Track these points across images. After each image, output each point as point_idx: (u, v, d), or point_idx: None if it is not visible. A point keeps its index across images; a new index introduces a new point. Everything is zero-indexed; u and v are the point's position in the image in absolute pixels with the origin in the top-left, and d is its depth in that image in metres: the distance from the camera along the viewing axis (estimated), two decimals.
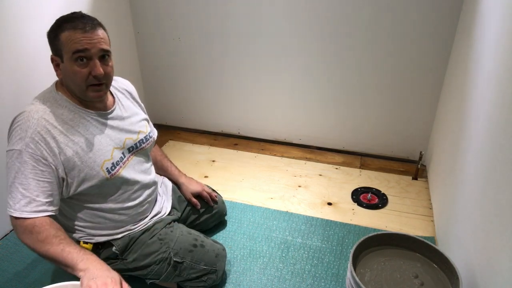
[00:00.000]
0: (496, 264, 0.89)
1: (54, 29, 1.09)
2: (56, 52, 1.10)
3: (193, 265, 1.28)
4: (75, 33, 1.07)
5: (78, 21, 1.10)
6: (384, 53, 1.91)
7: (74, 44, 1.06)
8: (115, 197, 1.23)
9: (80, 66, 1.08)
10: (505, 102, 0.97)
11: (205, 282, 1.31)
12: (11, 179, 1.06)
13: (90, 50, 1.08)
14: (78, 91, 1.12)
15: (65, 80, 1.12)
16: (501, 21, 1.10)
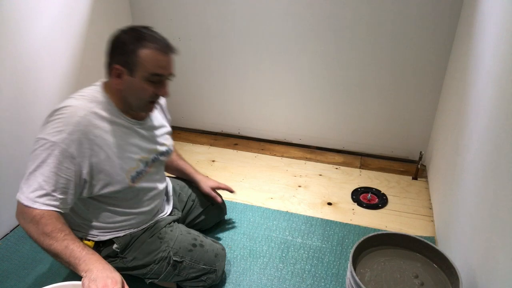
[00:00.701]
0: (496, 264, 0.89)
1: (132, 42, 1.08)
2: (125, 64, 1.09)
3: (193, 265, 1.28)
4: (158, 55, 1.09)
5: (160, 42, 1.10)
6: (384, 53, 1.91)
7: (155, 67, 1.09)
8: (130, 203, 1.24)
9: (150, 85, 1.11)
10: (505, 102, 0.97)
11: (204, 282, 1.31)
12: (33, 166, 1.04)
13: (165, 74, 1.12)
14: (137, 104, 1.15)
15: (125, 91, 1.12)
16: (501, 21, 1.10)
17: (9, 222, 1.65)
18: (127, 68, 1.09)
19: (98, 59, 2.01)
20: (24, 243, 1.58)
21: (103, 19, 2.00)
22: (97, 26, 1.96)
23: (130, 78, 1.10)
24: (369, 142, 2.19)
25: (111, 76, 1.13)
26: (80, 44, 1.88)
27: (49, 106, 1.74)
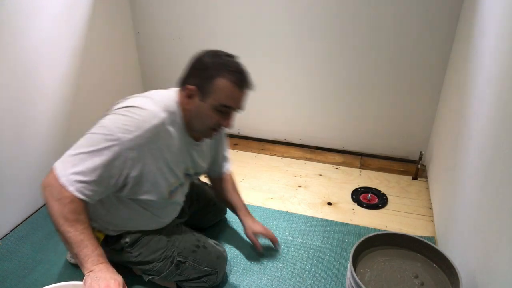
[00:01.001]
0: (495, 264, 0.89)
1: (213, 68, 1.08)
2: (199, 87, 1.09)
3: (195, 266, 1.28)
4: (233, 87, 1.09)
5: (239, 75, 1.10)
6: (384, 53, 1.91)
7: (228, 99, 1.09)
8: (158, 211, 1.25)
9: (217, 114, 1.11)
10: (505, 102, 0.97)
11: (205, 283, 1.31)
12: (87, 150, 1.02)
13: (234, 107, 1.13)
14: (199, 128, 1.16)
15: (192, 113, 1.13)
16: (501, 20, 1.10)
17: (9, 222, 1.65)
18: (200, 91, 1.09)
19: (98, 59, 2.02)
20: (24, 243, 1.58)
21: (103, 19, 2.00)
22: (97, 26, 1.96)
23: (200, 102, 1.10)
24: (369, 142, 2.19)
25: (182, 94, 1.12)
26: (80, 44, 1.88)
27: (49, 106, 1.75)
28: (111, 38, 2.09)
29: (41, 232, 1.64)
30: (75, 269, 1.46)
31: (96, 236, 1.15)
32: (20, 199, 1.68)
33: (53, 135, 1.80)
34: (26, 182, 1.70)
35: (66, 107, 1.85)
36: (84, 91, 1.95)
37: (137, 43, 2.31)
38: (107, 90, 2.12)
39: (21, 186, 1.67)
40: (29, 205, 1.73)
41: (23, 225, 1.68)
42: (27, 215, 1.72)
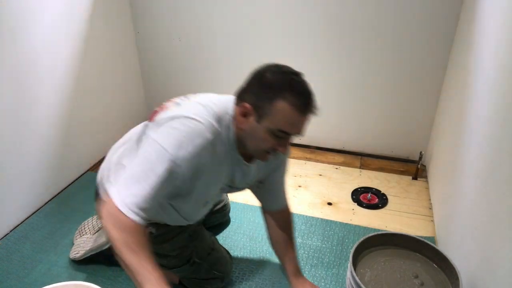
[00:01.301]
0: (496, 264, 0.89)
1: (273, 87, 0.98)
2: (256, 108, 0.98)
3: (208, 269, 1.29)
4: (294, 112, 0.97)
5: (303, 98, 0.98)
6: (384, 53, 1.91)
7: (286, 124, 0.98)
8: (186, 215, 1.20)
9: (273, 138, 1.00)
10: (505, 102, 0.97)
11: (211, 286, 1.32)
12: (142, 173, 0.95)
13: (293, 133, 1.01)
14: (252, 149, 1.06)
15: (245, 132, 1.03)
16: (501, 21, 1.10)
17: (9, 222, 1.65)
18: (257, 112, 0.99)
19: (98, 59, 2.02)
20: (24, 243, 1.58)
21: (103, 19, 2.00)
22: (97, 26, 1.96)
23: (255, 123, 1.00)
24: (369, 142, 2.19)
25: (238, 110, 1.03)
26: (80, 44, 1.88)
27: (49, 107, 1.75)
28: (111, 38, 2.09)
29: (41, 232, 1.64)
30: (75, 269, 1.46)
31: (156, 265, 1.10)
32: (20, 199, 1.68)
33: (53, 135, 1.80)
34: (26, 182, 1.70)
35: (66, 107, 1.85)
36: (84, 91, 1.95)
37: (137, 43, 2.31)
38: (107, 90, 2.12)
39: (21, 186, 1.67)
40: (29, 205, 1.73)
41: (23, 225, 1.68)
42: (27, 215, 1.72)
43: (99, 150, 2.15)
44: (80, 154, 2.01)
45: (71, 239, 1.61)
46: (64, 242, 1.59)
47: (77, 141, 1.97)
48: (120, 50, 2.19)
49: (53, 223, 1.69)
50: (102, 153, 2.17)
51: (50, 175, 1.82)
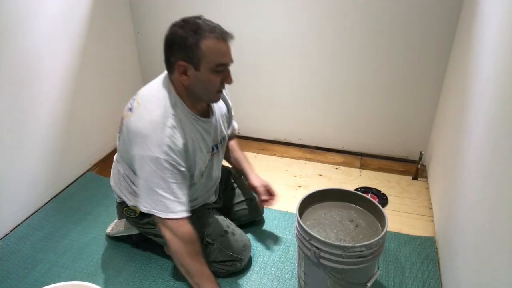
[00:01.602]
0: (496, 263, 0.89)
1: (190, 35, 1.08)
2: (189, 60, 1.09)
3: (222, 249, 1.36)
4: (219, 44, 1.09)
5: (217, 30, 1.10)
6: (384, 53, 1.91)
7: (220, 57, 1.10)
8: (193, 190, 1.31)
9: (216, 75, 1.13)
10: (505, 102, 0.97)
11: (229, 267, 1.39)
12: (150, 184, 1.13)
13: (229, 62, 1.14)
14: (206, 96, 1.18)
15: (192, 86, 1.15)
16: (501, 20, 1.10)
17: (9, 222, 1.65)
18: (191, 63, 1.10)
19: (98, 59, 2.02)
20: (24, 243, 1.58)
21: (103, 19, 2.00)
22: (97, 26, 1.96)
23: (196, 73, 1.11)
24: (369, 142, 2.19)
25: (176, 73, 1.14)
26: (80, 44, 1.88)
27: (49, 107, 1.75)
28: (111, 38, 2.09)
29: (41, 232, 1.64)
30: (75, 269, 1.47)
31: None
32: (20, 199, 1.68)
33: (53, 135, 1.80)
34: (26, 182, 1.70)
35: (66, 108, 1.85)
36: (84, 91, 1.95)
37: (137, 43, 2.31)
38: (107, 90, 2.12)
39: (21, 186, 1.67)
40: (29, 205, 1.73)
41: (23, 225, 1.68)
42: (27, 215, 1.72)
43: (99, 150, 2.15)
44: (80, 154, 2.01)
45: (71, 239, 1.61)
46: (64, 242, 1.59)
47: (77, 141, 1.97)
48: (120, 50, 2.19)
49: (53, 223, 1.69)
50: (102, 153, 2.17)
51: (50, 175, 1.82)
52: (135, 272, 1.45)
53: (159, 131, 1.11)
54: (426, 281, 1.40)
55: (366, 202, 1.30)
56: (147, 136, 1.11)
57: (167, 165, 1.12)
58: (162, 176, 1.12)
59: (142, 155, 1.12)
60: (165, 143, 1.11)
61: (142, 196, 1.17)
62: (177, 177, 1.15)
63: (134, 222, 1.40)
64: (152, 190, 1.13)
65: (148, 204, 1.16)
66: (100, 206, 1.80)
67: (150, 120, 1.12)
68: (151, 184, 1.13)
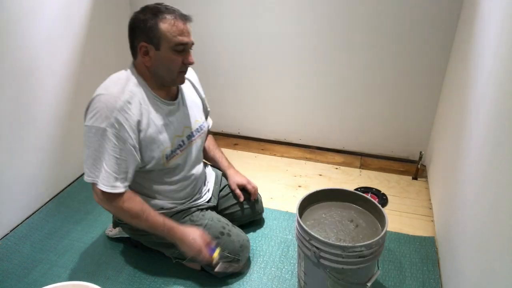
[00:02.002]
0: (496, 263, 0.89)
1: (149, 18, 1.14)
2: (149, 40, 1.15)
3: None
4: (177, 24, 1.14)
5: (175, 13, 1.16)
6: (384, 53, 1.91)
7: (179, 36, 1.15)
8: (168, 181, 1.32)
9: (177, 55, 1.17)
10: (505, 102, 0.97)
11: (227, 269, 1.37)
12: (92, 153, 1.15)
13: (188, 42, 1.18)
14: (169, 77, 1.21)
15: (155, 66, 1.19)
16: (501, 20, 1.10)
17: (9, 222, 1.65)
18: (152, 43, 1.15)
19: (98, 59, 2.02)
20: (24, 243, 1.58)
21: (103, 19, 2.00)
22: (97, 26, 1.96)
23: (157, 52, 1.16)
24: (369, 142, 2.19)
25: (139, 56, 1.19)
26: (80, 44, 1.88)
27: (50, 106, 1.75)
28: (111, 38, 2.09)
29: (41, 232, 1.64)
30: (75, 269, 1.46)
31: None
32: (20, 199, 1.68)
33: (53, 135, 1.80)
34: (26, 182, 1.70)
35: (66, 107, 1.85)
36: (84, 91, 1.95)
37: None
38: None
39: (21, 186, 1.67)
40: (29, 205, 1.73)
41: (23, 225, 1.68)
42: (27, 215, 1.72)
43: None
44: (80, 154, 2.00)
45: (71, 239, 1.61)
46: (64, 242, 1.59)
47: (77, 141, 1.97)
48: (120, 50, 2.19)
49: (53, 223, 1.69)
50: None
51: (50, 175, 1.82)
52: (135, 272, 1.45)
53: (111, 104, 1.12)
54: (426, 281, 1.40)
55: (366, 202, 1.30)
56: (97, 108, 1.13)
57: (112, 138, 1.13)
58: (106, 149, 1.13)
59: (89, 126, 1.14)
60: (114, 116, 1.12)
61: (86, 166, 1.18)
62: (121, 153, 1.15)
63: (129, 229, 1.40)
64: (95, 161, 1.15)
65: (91, 174, 1.18)
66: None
67: (105, 95, 1.14)
68: (95, 155, 1.15)
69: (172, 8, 1.17)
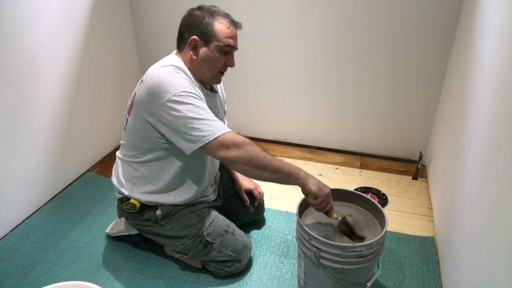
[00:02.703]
0: (496, 263, 0.89)
1: (206, 15, 1.21)
2: (202, 36, 1.21)
3: (221, 249, 1.36)
4: (230, 27, 1.22)
5: (230, 18, 1.24)
6: (384, 53, 1.91)
7: (230, 39, 1.22)
8: (188, 167, 1.32)
9: (222, 55, 1.23)
10: (505, 102, 0.97)
11: (228, 268, 1.39)
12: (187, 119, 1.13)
13: (235, 46, 1.25)
14: (210, 73, 1.26)
15: (200, 61, 1.23)
16: (501, 20, 1.10)
17: (9, 222, 1.65)
18: (203, 39, 1.21)
19: (98, 59, 2.02)
20: (24, 243, 1.58)
21: (103, 19, 2.00)
22: (97, 26, 1.96)
23: (205, 49, 1.22)
24: (369, 142, 2.19)
25: (187, 49, 1.24)
26: (80, 44, 1.88)
27: (50, 106, 1.75)
28: (111, 38, 2.09)
29: (41, 232, 1.64)
30: (75, 269, 1.47)
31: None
32: (20, 199, 1.68)
33: (53, 135, 1.80)
34: (26, 182, 1.70)
35: (66, 107, 1.85)
36: (84, 91, 1.95)
37: (137, 43, 2.31)
38: (107, 90, 2.13)
39: (21, 186, 1.67)
40: (29, 205, 1.73)
41: (23, 225, 1.68)
42: (27, 215, 1.72)
43: (99, 150, 2.15)
44: (80, 154, 2.01)
45: (71, 239, 1.61)
46: (64, 242, 1.59)
47: (77, 141, 1.97)
48: (120, 50, 2.19)
49: (53, 223, 1.69)
50: (102, 153, 2.17)
51: (50, 175, 1.82)
52: (135, 272, 1.45)
53: (175, 75, 1.17)
54: (426, 281, 1.40)
55: (366, 202, 1.30)
56: (166, 81, 1.15)
57: (194, 95, 1.16)
58: (195, 104, 1.14)
59: (169, 98, 1.13)
60: (183, 82, 1.16)
61: (188, 137, 1.15)
62: (206, 106, 1.18)
63: (134, 220, 1.40)
64: (192, 122, 1.13)
65: (196, 136, 1.13)
66: (100, 206, 1.80)
67: (163, 72, 1.17)
68: (189, 117, 1.13)
69: (227, 13, 1.25)
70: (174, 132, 1.16)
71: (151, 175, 1.31)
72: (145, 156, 1.29)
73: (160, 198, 1.34)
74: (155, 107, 1.16)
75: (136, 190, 1.34)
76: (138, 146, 1.29)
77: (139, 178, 1.33)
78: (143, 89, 1.19)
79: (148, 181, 1.32)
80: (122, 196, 1.37)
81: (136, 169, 1.32)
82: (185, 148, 1.17)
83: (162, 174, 1.31)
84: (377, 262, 1.25)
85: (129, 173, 1.34)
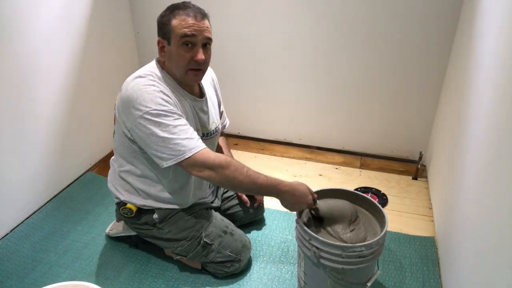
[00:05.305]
0: (496, 264, 0.89)
1: (166, 14, 1.19)
2: (164, 36, 1.19)
3: (220, 250, 1.36)
4: (186, 18, 1.16)
5: (190, 9, 1.18)
6: (384, 53, 1.91)
7: (184, 29, 1.15)
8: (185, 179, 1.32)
9: (185, 50, 1.16)
10: (505, 102, 0.97)
11: (228, 268, 1.38)
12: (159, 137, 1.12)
13: (197, 37, 1.16)
14: (179, 73, 1.21)
15: (168, 62, 1.21)
16: (501, 21, 1.10)
17: (9, 222, 1.65)
18: (165, 38, 1.18)
19: (97, 59, 2.02)
20: (24, 243, 1.58)
21: (103, 19, 2.00)
22: (97, 26, 1.96)
23: (169, 47, 1.18)
24: (369, 142, 2.19)
25: (159, 52, 1.22)
26: (80, 44, 1.88)
27: (49, 107, 1.75)
28: (111, 38, 2.09)
29: (41, 232, 1.64)
30: (75, 269, 1.47)
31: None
32: (20, 199, 1.68)
33: (53, 135, 1.80)
34: (26, 182, 1.70)
35: (66, 107, 1.85)
36: (84, 91, 1.95)
37: (137, 43, 2.31)
38: (106, 90, 2.12)
39: (21, 186, 1.67)
40: (29, 205, 1.73)
41: (23, 225, 1.68)
42: (27, 215, 1.72)
43: (99, 150, 2.15)
44: (80, 154, 2.01)
45: (71, 239, 1.61)
46: (64, 242, 1.59)
47: (77, 141, 1.97)
48: (120, 50, 2.19)
49: (53, 223, 1.69)
50: (102, 153, 2.17)
51: (50, 175, 1.82)
52: (135, 272, 1.45)
53: (150, 90, 1.14)
54: (426, 281, 1.40)
55: (366, 202, 1.31)
56: (138, 96, 1.13)
57: (167, 113, 1.13)
58: (167, 124, 1.12)
59: (141, 115, 1.12)
60: (158, 96, 1.13)
61: (159, 155, 1.15)
62: (181, 121, 1.15)
63: (132, 223, 1.40)
64: (163, 141, 1.12)
65: (168, 155, 1.14)
66: (100, 206, 1.80)
67: (138, 84, 1.15)
68: (160, 136, 1.12)
69: (189, 5, 1.19)
70: (146, 148, 1.18)
71: (141, 187, 1.32)
72: (130, 167, 1.29)
73: (155, 204, 1.34)
74: (128, 121, 1.17)
75: (130, 196, 1.34)
76: (123, 155, 1.29)
77: (131, 187, 1.33)
78: (119, 100, 1.19)
79: (140, 192, 1.33)
80: (118, 200, 1.38)
81: (125, 182, 1.33)
82: (158, 163, 1.18)
83: (151, 186, 1.32)
84: (377, 262, 1.25)
85: (121, 184, 1.35)
